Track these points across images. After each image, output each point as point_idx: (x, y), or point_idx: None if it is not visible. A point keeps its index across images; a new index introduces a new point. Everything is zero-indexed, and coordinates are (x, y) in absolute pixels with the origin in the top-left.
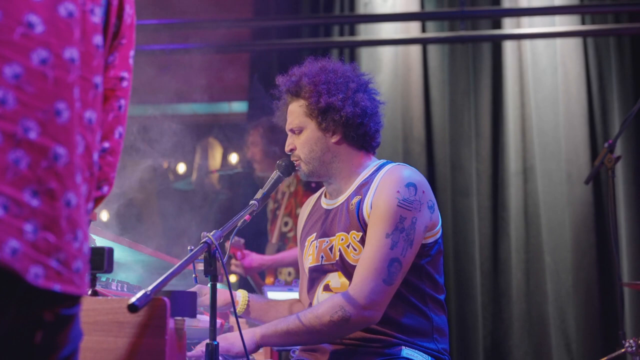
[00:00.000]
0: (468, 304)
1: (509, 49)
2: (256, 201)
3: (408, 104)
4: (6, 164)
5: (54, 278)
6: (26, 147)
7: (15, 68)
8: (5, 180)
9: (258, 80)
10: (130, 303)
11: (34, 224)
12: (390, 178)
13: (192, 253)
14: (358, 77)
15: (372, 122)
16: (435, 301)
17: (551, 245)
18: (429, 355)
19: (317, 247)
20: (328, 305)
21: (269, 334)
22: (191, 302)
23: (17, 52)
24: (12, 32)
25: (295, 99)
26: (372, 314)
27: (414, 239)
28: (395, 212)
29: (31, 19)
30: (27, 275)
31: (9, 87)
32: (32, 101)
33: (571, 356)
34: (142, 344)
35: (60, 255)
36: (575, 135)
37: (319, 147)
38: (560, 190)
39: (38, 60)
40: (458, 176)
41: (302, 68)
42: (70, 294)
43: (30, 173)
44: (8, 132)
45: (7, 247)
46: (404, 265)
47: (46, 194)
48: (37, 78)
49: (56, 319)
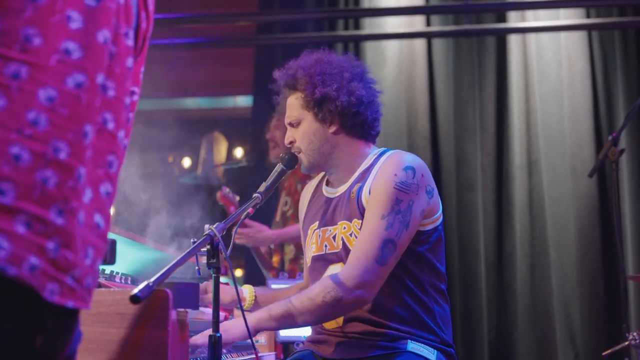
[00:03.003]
0: (473, 298)
1: (513, 42)
2: (259, 194)
3: (413, 97)
4: (34, 182)
5: (68, 295)
6: (55, 167)
7: (50, 92)
8: (31, 198)
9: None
10: (132, 294)
11: (56, 241)
12: (389, 162)
13: (195, 245)
14: (353, 67)
15: (369, 110)
16: (437, 291)
17: (556, 239)
18: (434, 349)
19: (320, 236)
20: (320, 287)
21: (264, 318)
22: (194, 294)
23: (52, 77)
24: (49, 58)
25: (293, 92)
26: (363, 294)
27: (410, 221)
28: (391, 194)
29: (68, 46)
30: (43, 291)
31: (42, 109)
32: (65, 123)
33: (576, 350)
34: (144, 336)
35: (75, 273)
36: (580, 129)
37: (317, 139)
38: (565, 184)
39: (74, 84)
40: (463, 170)
41: (298, 61)
42: (80, 309)
43: (57, 192)
44: (38, 152)
45: (26, 264)
46: (398, 247)
47: (70, 212)
48: (71, 101)
49: (58, 326)
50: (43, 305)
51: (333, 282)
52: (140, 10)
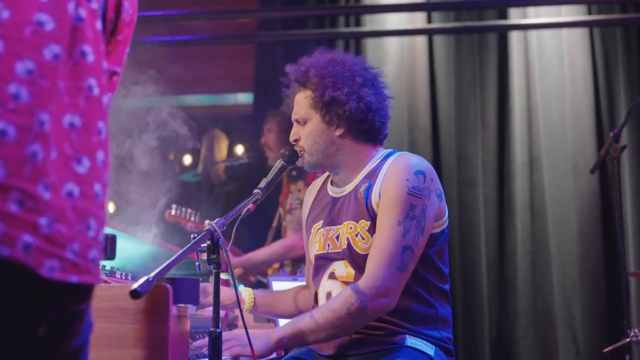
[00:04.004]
0: (474, 296)
1: (515, 39)
2: (260, 190)
3: (414, 94)
4: (24, 157)
5: (71, 270)
6: (42, 141)
7: (28, 64)
8: (22, 175)
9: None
10: (132, 289)
11: (48, 217)
12: (399, 166)
13: (195, 241)
14: (365, 71)
15: (377, 116)
16: (440, 291)
17: (557, 237)
18: (432, 344)
19: (324, 235)
20: (343, 298)
21: (286, 336)
22: (194, 290)
23: (28, 49)
24: (22, 30)
25: (302, 89)
26: (387, 302)
27: (425, 226)
28: (405, 200)
29: (41, 18)
30: (41, 269)
31: (22, 82)
32: (47, 95)
33: (577, 347)
34: (144, 331)
35: (74, 246)
36: (581, 126)
37: (322, 140)
38: (567, 181)
39: (51, 55)
40: (464, 167)
41: (311, 58)
42: (86, 284)
43: (43, 167)
44: (24, 126)
45: (19, 243)
46: (416, 252)
47: (52, 186)
48: (51, 73)
49: (64, 314)
50: (45, 290)
51: (355, 293)
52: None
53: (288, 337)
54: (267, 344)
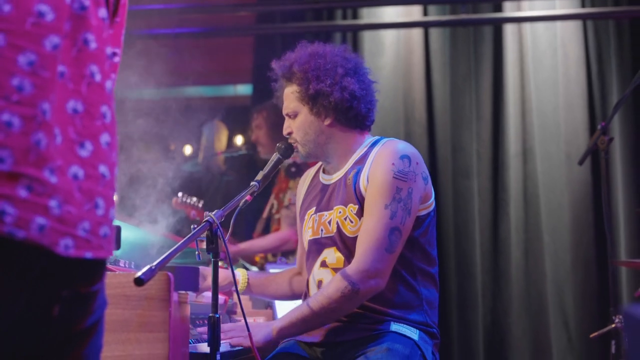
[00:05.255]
0: (468, 283)
1: (509, 32)
2: (257, 182)
3: (410, 86)
4: (29, 146)
5: (84, 246)
6: (45, 129)
7: (30, 56)
8: (29, 162)
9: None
10: (136, 277)
11: (57, 199)
12: (385, 152)
13: (195, 231)
14: (346, 61)
15: (362, 103)
16: (425, 274)
17: (550, 225)
18: (416, 329)
19: (317, 220)
20: (336, 284)
21: (285, 326)
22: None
23: (29, 41)
24: (24, 22)
25: (289, 84)
26: (378, 282)
27: (411, 208)
28: (391, 184)
29: (42, 9)
30: (56, 248)
31: (24, 74)
32: (48, 85)
33: (569, 333)
34: (147, 316)
35: (85, 225)
36: (574, 117)
37: (312, 130)
38: (559, 171)
39: (51, 46)
40: (459, 158)
41: (294, 54)
42: (100, 259)
43: (47, 153)
44: (28, 116)
45: (34, 225)
46: (403, 233)
47: (58, 170)
48: (51, 63)
49: (78, 296)
50: (60, 269)
51: (347, 277)
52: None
53: (288, 326)
54: (268, 335)
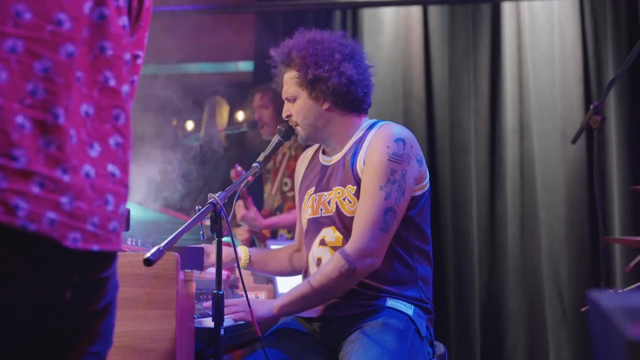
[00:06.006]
0: (465, 257)
1: (507, 9)
2: (258, 164)
3: (409, 63)
4: (38, 147)
5: (92, 240)
6: (56, 132)
7: (45, 62)
8: (39, 162)
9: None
10: (145, 257)
11: (68, 196)
12: (381, 135)
13: (200, 212)
14: (343, 47)
15: (359, 87)
16: (420, 252)
17: (545, 201)
18: (411, 304)
19: (316, 200)
20: (334, 263)
21: (286, 304)
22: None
23: (46, 49)
24: (42, 30)
25: (288, 69)
26: (373, 261)
27: (405, 189)
28: (386, 166)
29: (60, 17)
30: (65, 241)
31: (39, 80)
32: (61, 90)
33: (563, 305)
34: (155, 294)
35: (94, 219)
36: (570, 94)
37: (311, 114)
38: (555, 148)
39: (65, 54)
40: (457, 134)
41: (292, 40)
42: (108, 252)
43: (59, 153)
44: (39, 120)
45: (45, 219)
46: (398, 214)
47: (72, 169)
48: (65, 70)
49: (88, 281)
50: (69, 258)
51: (344, 256)
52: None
53: (288, 303)
54: (269, 311)
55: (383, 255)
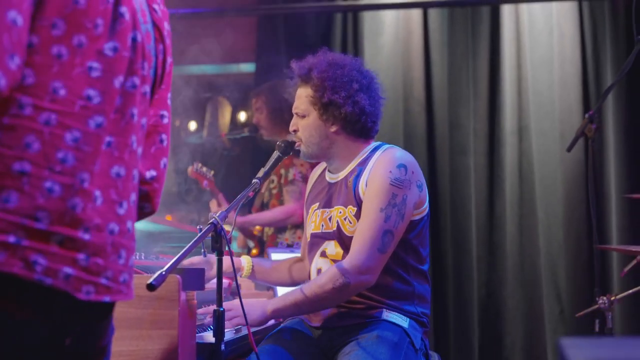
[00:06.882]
0: (464, 257)
1: (506, 12)
2: (258, 179)
3: (409, 65)
4: (65, 209)
5: (104, 292)
6: (81, 195)
7: (75, 134)
8: (63, 222)
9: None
10: (148, 283)
11: (85, 253)
12: (384, 159)
13: (202, 233)
14: (362, 76)
15: (369, 118)
16: (418, 272)
17: (544, 201)
18: (407, 317)
19: (320, 216)
20: (329, 275)
21: (279, 307)
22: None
23: (76, 121)
24: (74, 105)
25: (304, 85)
26: (368, 279)
27: (405, 213)
28: (388, 190)
29: (90, 93)
30: (78, 294)
31: (69, 149)
32: (88, 158)
33: (561, 305)
34: (158, 314)
35: (108, 274)
36: (568, 96)
37: (317, 134)
38: (554, 149)
39: (94, 125)
40: (456, 135)
41: (314, 58)
42: (118, 300)
43: (83, 214)
44: (67, 184)
45: (61, 274)
46: (395, 236)
47: (95, 228)
48: (93, 139)
49: (89, 328)
50: (77, 308)
51: (340, 270)
52: (157, 44)
53: (282, 308)
54: (263, 314)
55: (378, 274)
